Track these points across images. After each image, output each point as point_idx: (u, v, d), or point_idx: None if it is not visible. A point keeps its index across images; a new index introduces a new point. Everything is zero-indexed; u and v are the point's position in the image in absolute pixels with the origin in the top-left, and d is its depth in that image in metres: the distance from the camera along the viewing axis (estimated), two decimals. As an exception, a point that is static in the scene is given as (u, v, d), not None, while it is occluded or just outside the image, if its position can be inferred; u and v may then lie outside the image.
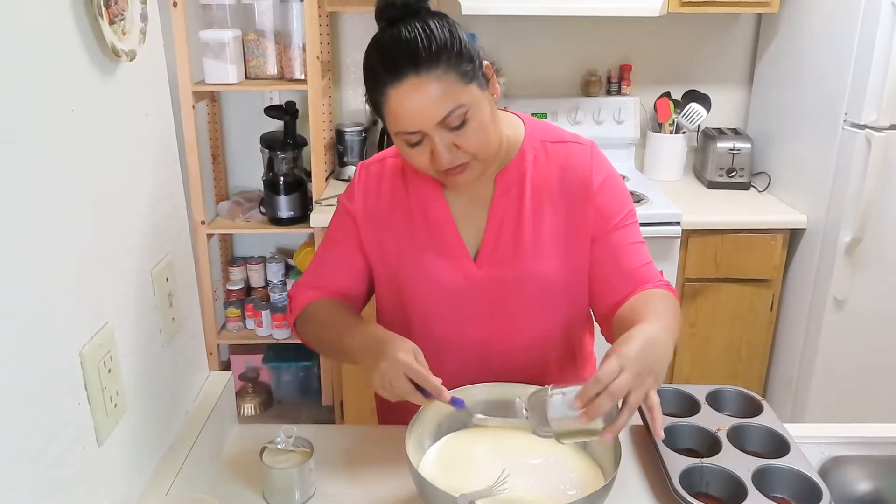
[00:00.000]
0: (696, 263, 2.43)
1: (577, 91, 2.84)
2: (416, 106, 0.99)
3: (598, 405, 0.87)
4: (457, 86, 0.99)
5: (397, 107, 1.00)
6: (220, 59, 2.40)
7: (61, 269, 0.78)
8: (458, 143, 1.02)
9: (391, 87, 0.99)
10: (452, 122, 1.00)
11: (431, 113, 0.99)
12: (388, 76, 0.99)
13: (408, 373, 0.97)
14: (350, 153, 2.70)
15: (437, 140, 1.01)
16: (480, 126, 1.03)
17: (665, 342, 0.97)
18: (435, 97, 0.98)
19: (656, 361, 0.93)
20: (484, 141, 1.04)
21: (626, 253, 1.16)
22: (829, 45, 2.28)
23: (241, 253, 3.00)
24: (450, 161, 1.03)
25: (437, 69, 0.98)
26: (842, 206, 2.23)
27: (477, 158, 1.05)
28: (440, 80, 0.98)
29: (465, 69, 1.00)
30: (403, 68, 0.97)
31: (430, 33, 0.98)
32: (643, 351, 0.91)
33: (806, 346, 2.44)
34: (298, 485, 1.05)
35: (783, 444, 1.11)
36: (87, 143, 0.84)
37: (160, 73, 1.07)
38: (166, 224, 1.08)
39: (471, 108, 1.01)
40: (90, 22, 0.83)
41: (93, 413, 0.84)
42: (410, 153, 1.05)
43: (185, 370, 1.16)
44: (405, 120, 1.00)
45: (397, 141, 1.05)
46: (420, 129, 1.00)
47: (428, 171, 1.07)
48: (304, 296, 1.23)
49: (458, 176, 1.06)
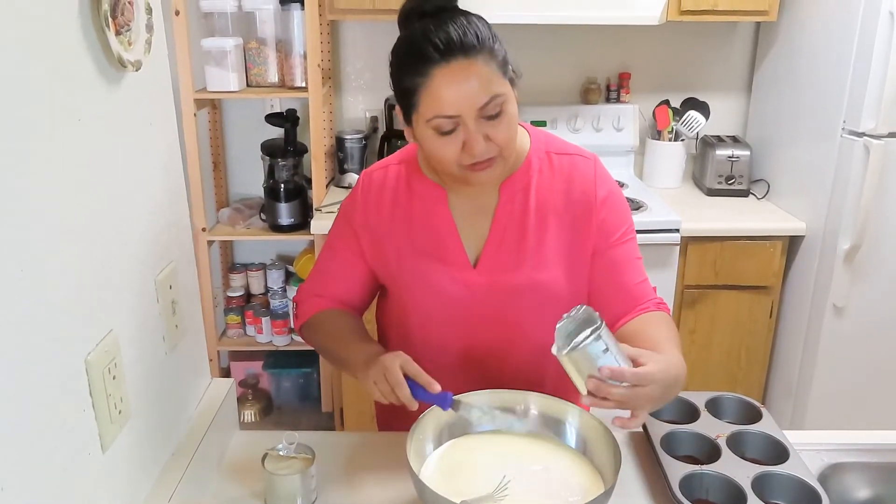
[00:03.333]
0: (696, 270, 2.44)
1: (577, 99, 2.85)
2: (461, 89, 0.99)
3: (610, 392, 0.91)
4: (497, 74, 1.02)
5: (441, 88, 1.00)
6: (222, 67, 2.41)
7: (67, 277, 0.79)
8: (490, 135, 1.03)
9: (437, 68, 0.99)
10: (491, 109, 1.01)
11: (474, 97, 1.00)
12: (436, 56, 0.99)
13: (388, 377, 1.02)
14: (350, 160, 2.71)
15: (472, 128, 1.02)
16: (511, 121, 1.05)
17: (682, 382, 1.02)
18: (479, 83, 1.00)
19: (670, 396, 0.99)
20: (512, 137, 1.06)
21: (626, 269, 1.18)
22: (828, 52, 2.29)
23: (242, 260, 3.01)
24: (482, 151, 1.03)
25: (483, 55, 1.00)
26: (840, 213, 2.24)
27: (502, 154, 1.06)
28: (486, 66, 1.00)
29: (504, 61, 1.03)
30: (454, 50, 0.99)
31: (474, 24, 1.01)
32: (673, 383, 0.97)
33: (805, 353, 2.44)
34: (301, 491, 1.06)
35: (783, 451, 1.11)
36: (92, 152, 0.85)
37: (164, 82, 1.08)
38: (170, 232, 1.09)
39: (506, 99, 1.03)
40: (97, 32, 0.84)
41: (98, 420, 0.84)
42: (438, 143, 1.04)
43: (188, 377, 1.17)
44: (447, 103, 1.00)
45: (426, 130, 1.04)
46: (460, 113, 1.01)
47: (451, 165, 1.06)
48: (309, 304, 1.25)
49: (482, 172, 1.06)
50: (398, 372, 1.02)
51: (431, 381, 1.02)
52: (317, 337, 1.23)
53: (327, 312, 1.23)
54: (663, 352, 1.02)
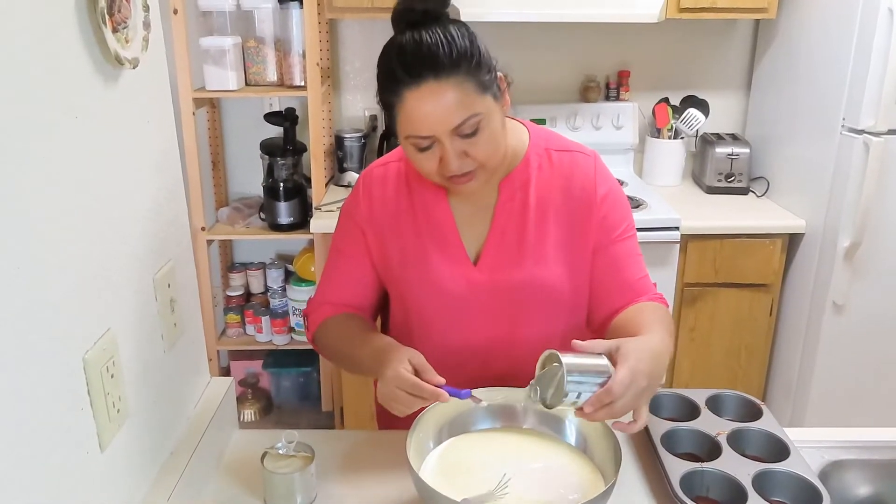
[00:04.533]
0: (696, 268, 2.44)
1: (576, 97, 2.85)
2: (432, 111, 0.98)
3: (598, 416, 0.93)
4: (473, 95, 1.00)
5: (412, 110, 0.99)
6: (221, 66, 2.40)
7: (65, 275, 0.79)
8: (469, 152, 1.03)
9: (408, 90, 0.98)
10: (465, 129, 1.00)
11: (446, 119, 0.99)
12: (407, 78, 0.98)
13: (401, 387, 0.98)
14: (349, 159, 2.71)
15: (448, 146, 1.01)
16: (491, 136, 1.03)
17: (665, 356, 1.02)
18: (451, 104, 0.98)
19: (656, 377, 0.97)
20: (493, 151, 1.05)
21: (626, 265, 1.18)
22: (827, 50, 2.29)
23: (241, 259, 3.01)
24: (458, 168, 1.03)
25: (456, 76, 0.98)
26: (840, 210, 2.24)
27: (484, 167, 1.05)
28: (458, 87, 0.98)
29: (483, 79, 1.01)
30: (423, 72, 0.97)
31: (451, 40, 0.98)
32: (651, 364, 0.95)
33: (805, 351, 2.44)
34: (300, 489, 1.05)
35: (783, 449, 1.11)
36: (90, 150, 0.85)
37: (162, 80, 1.07)
38: (168, 230, 1.08)
39: (484, 117, 1.01)
40: (94, 30, 0.84)
41: (96, 418, 0.84)
42: (418, 158, 1.05)
43: (187, 376, 1.17)
44: (419, 124, 1.00)
45: (406, 144, 1.05)
46: (433, 134, 1.00)
47: (432, 176, 1.07)
48: (318, 313, 1.24)
49: (463, 184, 1.06)
50: (407, 376, 0.98)
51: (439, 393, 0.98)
52: (327, 343, 1.21)
53: (335, 318, 1.21)
54: (646, 333, 1.02)
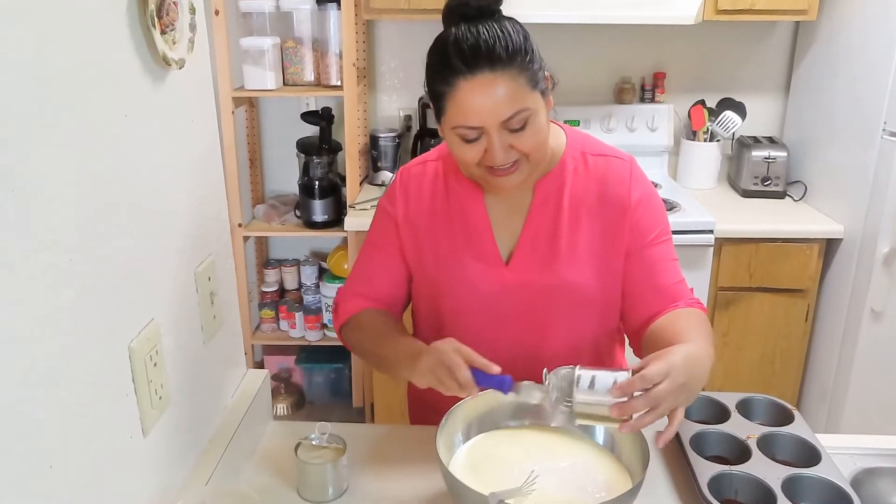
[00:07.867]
0: (730, 272, 2.41)
1: (611, 98, 2.84)
2: (484, 102, 1.00)
3: (633, 405, 0.90)
4: (524, 89, 1.01)
5: (464, 100, 1.01)
6: (260, 66, 2.45)
7: (112, 267, 0.82)
8: (515, 145, 1.04)
9: (463, 80, 1.00)
10: (514, 124, 1.02)
11: (497, 111, 1.00)
12: (463, 68, 0.99)
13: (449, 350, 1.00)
14: (384, 159, 2.74)
15: (495, 139, 1.02)
16: (538, 132, 1.05)
17: (706, 365, 1.00)
18: (504, 97, 1.00)
19: (696, 379, 0.96)
20: (538, 145, 1.06)
21: (661, 269, 1.18)
22: (868, 53, 2.25)
23: (276, 255, 3.06)
24: (503, 159, 1.04)
25: (510, 70, 1.00)
26: (880, 216, 2.20)
27: (528, 159, 1.06)
28: (511, 81, 1.00)
29: (534, 75, 1.03)
30: (479, 63, 0.99)
31: (508, 35, 1.01)
32: (688, 364, 0.94)
33: (842, 358, 2.40)
34: (332, 480, 1.08)
35: (814, 454, 1.10)
36: (137, 147, 0.88)
37: (206, 80, 1.11)
38: (209, 225, 1.12)
39: (533, 113, 1.03)
40: (144, 32, 0.88)
41: (139, 405, 0.88)
42: (462, 148, 1.06)
43: (225, 367, 1.20)
44: (470, 114, 1.01)
45: (451, 135, 1.06)
46: (482, 125, 1.02)
47: (472, 168, 1.08)
48: (349, 303, 1.25)
49: (505, 177, 1.07)
50: (455, 355, 1.00)
51: (489, 364, 1.00)
52: (356, 336, 1.23)
53: (366, 312, 1.23)
54: (686, 341, 1.01)
